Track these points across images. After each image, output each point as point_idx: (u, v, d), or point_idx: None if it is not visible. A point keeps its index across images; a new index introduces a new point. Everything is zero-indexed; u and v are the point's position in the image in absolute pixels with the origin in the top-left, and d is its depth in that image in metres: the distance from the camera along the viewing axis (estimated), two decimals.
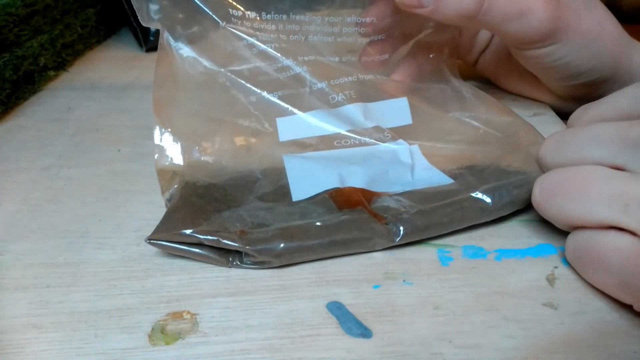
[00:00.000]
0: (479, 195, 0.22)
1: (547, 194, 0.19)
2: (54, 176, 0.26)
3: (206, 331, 0.18)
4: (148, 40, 0.43)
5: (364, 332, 0.18)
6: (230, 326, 0.18)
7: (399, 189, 0.23)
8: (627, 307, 0.18)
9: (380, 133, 0.26)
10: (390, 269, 0.20)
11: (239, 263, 0.20)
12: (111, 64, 0.41)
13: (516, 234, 0.22)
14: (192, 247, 0.20)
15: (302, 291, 0.19)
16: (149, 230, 0.22)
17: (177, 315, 0.18)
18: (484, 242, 0.21)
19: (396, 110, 0.27)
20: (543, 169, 0.21)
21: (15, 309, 0.19)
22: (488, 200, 0.22)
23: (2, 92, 0.32)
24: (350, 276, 0.20)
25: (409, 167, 0.25)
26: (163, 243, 0.20)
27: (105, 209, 0.24)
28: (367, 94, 0.27)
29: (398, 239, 0.21)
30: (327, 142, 0.26)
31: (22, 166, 0.27)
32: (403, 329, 0.18)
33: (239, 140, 0.26)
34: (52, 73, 0.37)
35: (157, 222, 0.22)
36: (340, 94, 0.27)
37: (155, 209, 0.24)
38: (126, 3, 0.43)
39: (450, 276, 0.20)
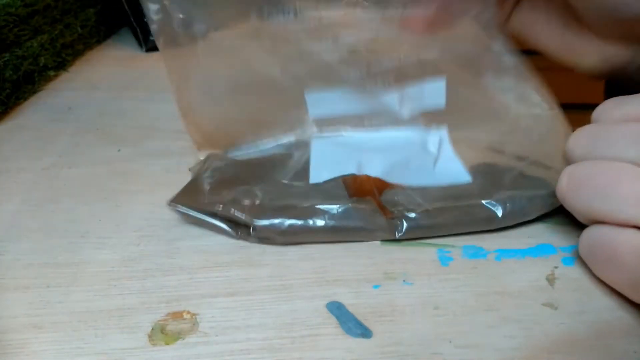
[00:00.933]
0: (491, 204, 0.22)
1: (574, 185, 0.19)
2: (54, 176, 0.26)
3: (206, 331, 0.18)
4: (148, 40, 0.43)
5: (364, 332, 0.18)
6: (230, 326, 0.18)
7: (414, 182, 0.23)
8: (627, 307, 0.18)
9: (413, 119, 0.26)
10: (390, 269, 0.20)
11: (245, 235, 0.21)
12: (111, 64, 0.41)
13: (516, 234, 0.22)
14: (207, 217, 0.22)
15: (302, 291, 0.19)
16: (149, 230, 0.22)
17: (177, 315, 0.18)
18: (484, 242, 0.21)
19: (432, 93, 0.26)
20: (569, 161, 0.21)
21: (15, 309, 0.19)
22: (498, 211, 0.21)
23: (2, 92, 0.32)
24: (350, 276, 0.20)
25: (433, 157, 0.25)
26: (182, 210, 0.22)
27: (105, 209, 0.24)
28: (406, 76, 0.26)
29: (400, 234, 0.21)
30: (358, 121, 0.26)
31: (22, 166, 0.27)
32: (403, 329, 0.18)
33: (268, 118, 0.26)
34: (52, 73, 0.37)
35: (157, 222, 0.22)
36: (379, 79, 0.26)
37: (155, 209, 0.24)
38: (126, 3, 0.43)
39: (450, 276, 0.20)
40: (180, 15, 0.26)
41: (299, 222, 0.21)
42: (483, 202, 0.22)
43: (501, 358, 0.17)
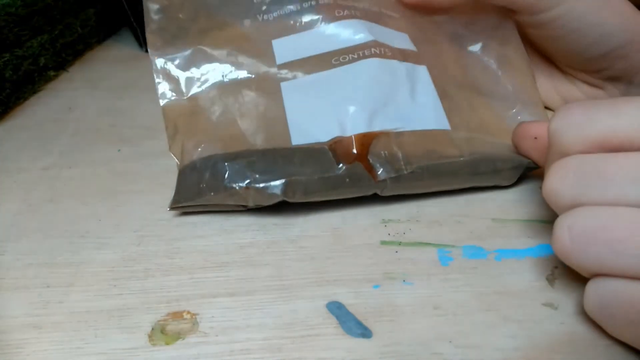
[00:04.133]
0: (467, 164, 0.23)
1: (579, 242, 0.16)
2: (54, 176, 0.26)
3: (206, 331, 0.18)
4: None
5: (364, 332, 0.18)
6: (230, 326, 0.18)
7: (397, 123, 0.23)
8: None
9: (383, 48, 0.26)
10: (390, 269, 0.20)
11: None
12: (111, 64, 0.41)
13: (516, 234, 0.22)
14: (213, 201, 0.22)
15: (302, 291, 0.19)
16: (149, 230, 0.22)
17: (177, 315, 0.18)
18: (484, 242, 0.21)
19: (400, 38, 0.27)
20: (556, 205, 0.18)
21: (15, 309, 0.19)
22: (474, 170, 0.23)
23: (2, 92, 0.32)
24: (350, 276, 0.20)
25: (408, 89, 0.25)
26: (186, 206, 0.23)
27: (105, 209, 0.24)
28: (371, 20, 0.27)
29: (384, 193, 0.23)
30: (325, 60, 0.25)
31: (22, 166, 0.27)
32: (403, 329, 0.18)
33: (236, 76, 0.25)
34: (52, 73, 0.37)
35: (157, 222, 0.22)
36: (346, 10, 0.26)
37: (155, 209, 0.24)
38: (126, 3, 0.43)
39: (450, 276, 0.20)
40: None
41: (296, 196, 0.22)
42: (462, 158, 0.23)
43: (501, 358, 0.17)
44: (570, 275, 0.20)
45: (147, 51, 0.25)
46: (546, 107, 0.31)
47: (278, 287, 0.20)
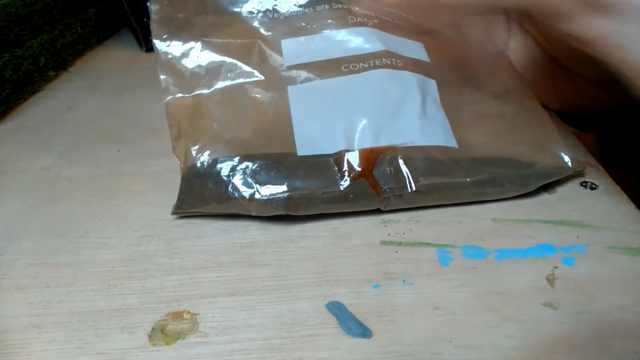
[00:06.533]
0: (474, 184, 0.23)
1: None
2: (54, 176, 0.26)
3: (206, 331, 0.18)
4: (148, 40, 0.43)
5: (364, 332, 0.18)
6: (230, 326, 0.18)
7: (407, 140, 0.23)
8: (627, 308, 0.18)
9: (394, 58, 0.25)
10: (390, 269, 0.20)
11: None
12: (111, 64, 0.41)
13: (516, 234, 0.22)
14: (216, 207, 0.22)
15: (302, 291, 0.19)
16: (149, 230, 0.22)
17: (177, 315, 0.18)
18: (484, 242, 0.21)
19: (414, 48, 0.27)
20: None
21: (15, 309, 0.19)
22: (481, 189, 0.23)
23: (2, 92, 0.32)
24: (350, 276, 0.20)
25: (418, 104, 0.24)
26: (190, 212, 0.23)
27: (105, 209, 0.24)
28: (385, 28, 0.27)
29: (387, 208, 0.23)
30: (335, 65, 0.25)
31: (22, 166, 0.27)
32: (403, 329, 0.18)
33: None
34: (52, 73, 0.37)
35: (157, 222, 0.22)
36: (359, 17, 0.26)
37: (155, 209, 0.24)
38: (126, 3, 0.43)
39: (450, 276, 0.20)
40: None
41: (299, 211, 0.22)
42: (468, 179, 0.23)
43: (501, 358, 0.17)
44: (570, 275, 0.20)
45: (147, 51, 0.25)
46: (544, 105, 0.31)
47: (278, 287, 0.20)
